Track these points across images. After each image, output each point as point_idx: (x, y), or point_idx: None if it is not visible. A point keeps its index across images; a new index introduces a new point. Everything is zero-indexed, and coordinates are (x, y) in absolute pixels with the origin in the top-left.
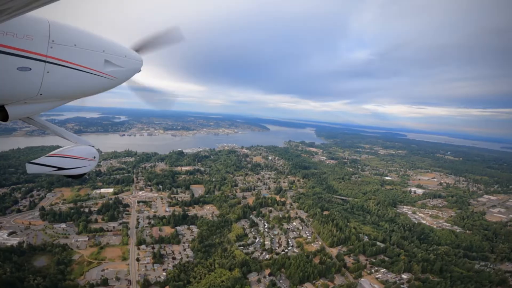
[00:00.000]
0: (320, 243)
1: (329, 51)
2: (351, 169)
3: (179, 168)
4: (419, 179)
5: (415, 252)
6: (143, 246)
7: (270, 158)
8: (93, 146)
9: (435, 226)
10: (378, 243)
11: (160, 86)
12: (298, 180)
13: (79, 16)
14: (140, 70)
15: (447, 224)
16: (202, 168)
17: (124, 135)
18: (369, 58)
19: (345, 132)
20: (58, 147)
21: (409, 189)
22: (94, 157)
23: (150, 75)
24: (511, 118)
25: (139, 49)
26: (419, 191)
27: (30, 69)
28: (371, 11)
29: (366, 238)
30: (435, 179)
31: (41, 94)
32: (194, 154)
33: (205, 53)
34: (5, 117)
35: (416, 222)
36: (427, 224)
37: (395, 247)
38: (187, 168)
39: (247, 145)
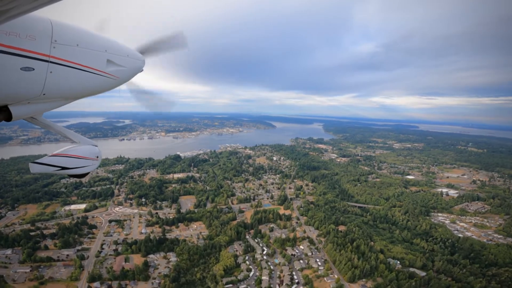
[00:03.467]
0: (336, 276)
1: (333, 45)
2: (366, 168)
3: (170, 176)
4: (447, 177)
5: (471, 282)
6: (96, 284)
7: (274, 158)
8: (96, 146)
9: (485, 240)
10: (416, 271)
11: (162, 88)
12: (307, 185)
13: (80, 16)
14: (142, 70)
15: (499, 236)
16: (197, 175)
17: (123, 139)
18: (375, 50)
19: (354, 126)
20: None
21: (439, 190)
22: (97, 157)
23: (154, 77)
24: None
25: (144, 51)
26: (452, 193)
27: (33, 69)
28: (374, 2)
29: (398, 265)
30: (465, 176)
31: (44, 94)
32: (191, 158)
33: (208, 53)
34: (8, 117)
35: (461, 236)
36: (474, 237)
37: (441, 276)
38: (180, 175)
39: (251, 144)
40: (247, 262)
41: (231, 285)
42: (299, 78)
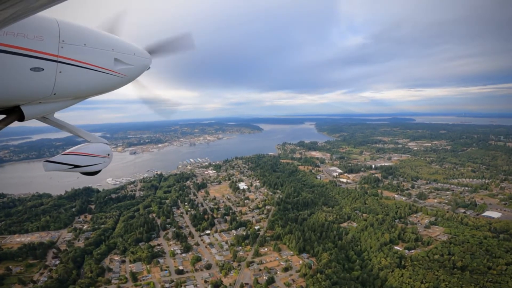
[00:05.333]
0: None
1: (321, 39)
2: (397, 197)
3: (10, 241)
4: None
5: None
6: None
7: (242, 185)
8: (107, 144)
9: None
10: None
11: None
12: (287, 263)
13: (85, 16)
14: (149, 68)
15: None
16: (67, 236)
17: None
18: (363, 42)
19: (349, 123)
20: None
21: None
22: (108, 154)
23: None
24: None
25: (151, 51)
26: None
27: (43, 69)
28: None
29: None
30: None
31: (54, 94)
32: (107, 193)
33: (193, 57)
34: (21, 117)
35: None
36: None
37: None
38: (32, 237)
39: (224, 157)
40: None
41: None
42: (289, 77)
